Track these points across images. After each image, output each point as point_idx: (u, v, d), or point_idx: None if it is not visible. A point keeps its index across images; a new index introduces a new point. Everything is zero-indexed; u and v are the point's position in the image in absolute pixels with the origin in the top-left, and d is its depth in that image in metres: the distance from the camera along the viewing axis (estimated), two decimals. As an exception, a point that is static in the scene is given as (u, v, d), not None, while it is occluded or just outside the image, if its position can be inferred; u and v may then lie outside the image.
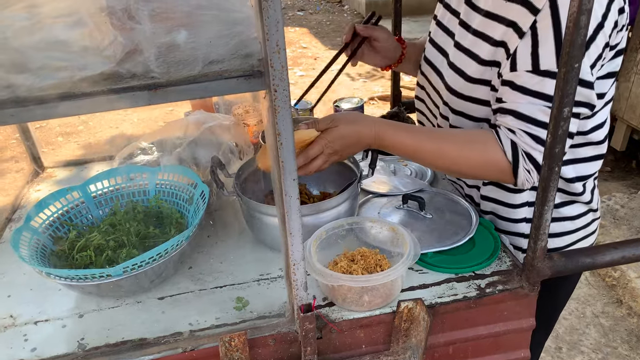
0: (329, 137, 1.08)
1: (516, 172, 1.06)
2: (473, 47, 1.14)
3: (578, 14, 0.77)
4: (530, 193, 1.21)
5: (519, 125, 1.04)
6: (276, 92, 0.74)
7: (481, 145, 1.08)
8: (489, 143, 1.08)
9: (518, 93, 1.03)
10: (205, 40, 0.75)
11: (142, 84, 0.74)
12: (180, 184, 1.26)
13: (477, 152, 1.08)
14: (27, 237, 1.12)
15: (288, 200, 0.83)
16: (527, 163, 1.05)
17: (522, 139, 1.04)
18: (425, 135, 1.12)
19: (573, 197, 1.22)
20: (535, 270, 1.02)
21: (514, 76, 1.03)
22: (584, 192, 1.21)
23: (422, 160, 1.14)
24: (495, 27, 1.09)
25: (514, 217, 1.25)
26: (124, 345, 1.00)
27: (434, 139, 1.11)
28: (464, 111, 1.19)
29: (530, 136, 1.04)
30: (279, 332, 0.98)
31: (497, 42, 1.08)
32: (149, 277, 1.06)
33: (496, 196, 1.25)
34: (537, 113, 1.02)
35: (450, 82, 1.19)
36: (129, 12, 0.72)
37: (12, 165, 4.14)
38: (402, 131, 1.11)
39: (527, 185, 1.09)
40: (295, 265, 0.89)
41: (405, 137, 1.10)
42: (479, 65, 1.12)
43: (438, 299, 1.05)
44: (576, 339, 2.46)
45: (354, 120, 1.10)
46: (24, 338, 1.03)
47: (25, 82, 0.72)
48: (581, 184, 1.20)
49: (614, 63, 1.08)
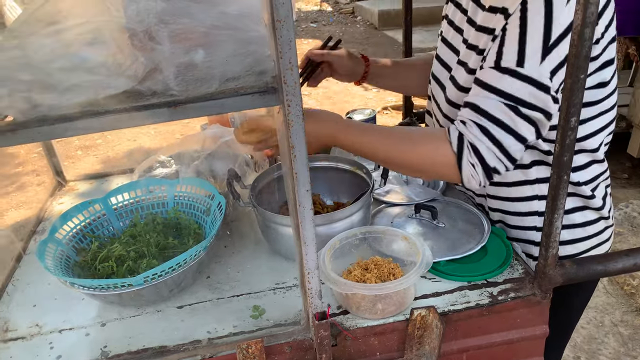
0: None
1: (460, 164, 1.07)
2: (467, 59, 1.18)
3: (582, 26, 0.79)
4: (540, 202, 1.22)
5: (470, 116, 1.07)
6: (289, 107, 0.78)
7: (429, 139, 1.12)
8: (438, 137, 1.11)
9: (479, 87, 1.06)
10: (221, 59, 0.79)
11: (162, 102, 0.78)
12: (197, 196, 1.30)
13: (425, 146, 1.12)
14: (52, 248, 1.16)
15: (302, 210, 0.86)
16: (472, 156, 1.06)
17: (471, 129, 1.06)
18: (377, 134, 1.15)
19: (583, 201, 1.22)
20: (547, 278, 1.03)
21: (481, 73, 1.07)
22: (593, 197, 1.21)
23: (377, 158, 1.17)
24: (482, 37, 1.12)
25: (523, 224, 1.26)
26: (145, 352, 1.03)
27: (386, 136, 1.14)
28: None
29: (479, 127, 1.05)
30: (294, 340, 1.01)
31: (482, 51, 1.12)
32: (168, 287, 1.09)
33: (501, 207, 1.27)
34: (491, 107, 1.04)
35: (450, 94, 1.23)
36: (149, 33, 0.76)
37: (33, 178, 4.24)
38: (355, 130, 1.15)
39: (473, 182, 1.09)
40: (309, 274, 0.92)
41: (358, 135, 1.14)
42: (468, 75, 1.15)
43: (451, 307, 1.06)
44: (595, 348, 2.44)
45: (317, 119, 1.15)
46: (50, 346, 1.07)
47: (53, 101, 0.77)
48: (587, 187, 1.21)
49: (602, 74, 1.09)
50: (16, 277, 1.29)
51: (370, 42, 7.49)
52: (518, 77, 1.00)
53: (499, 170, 1.08)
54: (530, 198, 1.22)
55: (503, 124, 1.03)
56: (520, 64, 1.00)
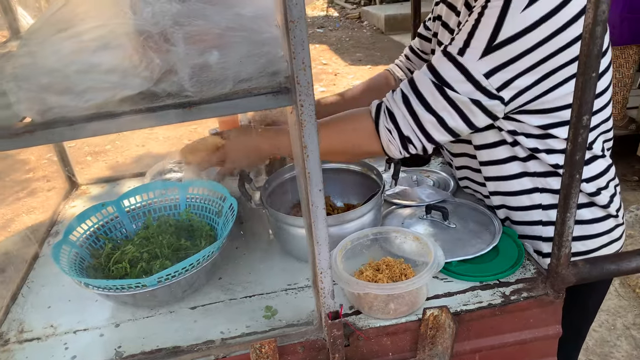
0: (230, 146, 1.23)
1: (378, 129, 1.11)
2: None
3: (593, 25, 0.80)
4: (542, 195, 1.21)
5: (402, 85, 1.12)
6: (302, 107, 0.78)
7: (351, 115, 1.17)
8: (358, 111, 1.16)
9: (424, 64, 1.11)
10: (235, 60, 0.80)
11: (177, 103, 0.79)
12: (209, 198, 1.31)
13: (346, 121, 1.17)
14: (67, 250, 1.17)
15: (314, 210, 0.87)
16: (388, 121, 1.11)
17: (394, 95, 1.12)
18: None
19: (588, 198, 1.22)
20: (559, 277, 1.03)
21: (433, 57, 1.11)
22: (598, 194, 1.21)
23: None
24: None
25: (528, 219, 1.26)
26: (159, 352, 1.04)
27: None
28: None
29: (402, 95, 1.10)
30: (307, 340, 1.01)
31: None
32: (182, 287, 1.10)
33: (504, 202, 1.27)
34: (420, 81, 1.09)
35: None
36: (164, 35, 0.77)
37: (44, 184, 4.28)
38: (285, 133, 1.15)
39: (392, 149, 1.12)
40: (322, 274, 0.93)
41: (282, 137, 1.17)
42: None
43: (463, 307, 1.06)
44: (607, 351, 2.42)
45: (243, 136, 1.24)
46: (65, 346, 1.08)
47: (69, 103, 0.78)
48: (590, 185, 1.20)
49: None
50: (31, 279, 1.31)
51: (376, 46, 7.52)
52: (454, 62, 1.05)
53: (413, 142, 1.11)
54: (531, 191, 1.22)
55: (424, 98, 1.08)
56: (461, 53, 1.04)
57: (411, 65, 1.55)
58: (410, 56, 1.54)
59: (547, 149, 1.15)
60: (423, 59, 1.51)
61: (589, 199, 1.22)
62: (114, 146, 4.94)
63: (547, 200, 1.22)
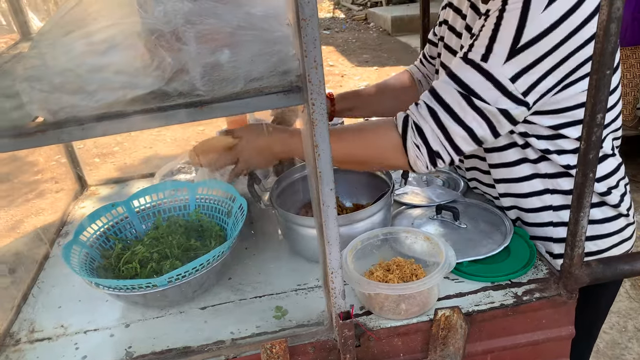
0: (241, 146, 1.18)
1: (405, 145, 1.08)
2: None
3: (608, 22, 0.79)
4: (553, 196, 1.20)
5: (424, 98, 1.08)
6: (314, 105, 0.78)
7: (375, 126, 1.13)
8: (383, 123, 1.12)
9: (443, 73, 1.08)
10: (246, 59, 0.80)
11: (188, 102, 0.79)
12: (219, 198, 1.31)
13: (371, 133, 1.13)
14: (77, 250, 1.18)
15: (325, 209, 0.86)
16: (416, 136, 1.07)
17: (420, 110, 1.07)
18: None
19: (599, 197, 1.21)
20: (572, 278, 1.02)
21: (452, 61, 1.08)
22: (609, 193, 1.20)
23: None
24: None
25: (539, 221, 1.25)
26: (169, 353, 1.03)
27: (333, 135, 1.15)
28: None
29: (428, 109, 1.06)
30: (318, 340, 1.01)
31: None
32: (192, 287, 1.10)
33: (516, 204, 1.26)
34: (445, 92, 1.05)
35: None
36: (176, 34, 0.77)
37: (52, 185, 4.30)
38: (296, 137, 1.14)
39: (419, 164, 1.09)
40: (333, 274, 0.92)
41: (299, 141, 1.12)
42: None
43: (475, 307, 1.05)
44: (618, 353, 2.39)
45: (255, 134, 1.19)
46: (75, 347, 1.08)
47: (81, 102, 0.78)
48: (602, 184, 1.19)
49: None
50: (41, 279, 1.31)
51: (383, 48, 7.51)
52: (478, 70, 1.02)
53: (442, 157, 1.08)
54: (542, 192, 1.21)
55: (452, 110, 1.05)
56: (484, 59, 1.02)
57: (425, 70, 1.55)
58: (423, 61, 1.56)
59: (558, 149, 1.14)
60: (432, 64, 1.51)
61: (600, 199, 1.21)
62: (121, 148, 4.96)
63: (558, 201, 1.21)
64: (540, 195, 1.22)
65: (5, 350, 1.09)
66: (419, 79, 1.56)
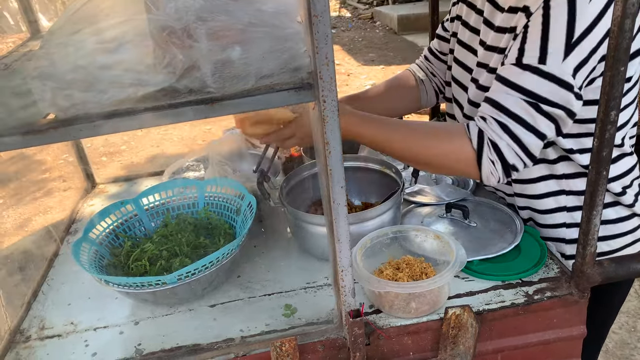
0: (300, 121, 1.16)
1: (480, 161, 1.05)
2: (488, 60, 1.17)
3: (622, 17, 0.78)
4: (567, 197, 1.20)
5: (490, 113, 1.05)
6: (325, 102, 0.78)
7: (448, 134, 1.10)
8: (456, 132, 1.08)
9: (499, 83, 1.05)
10: (257, 55, 0.80)
11: (199, 99, 0.79)
12: (228, 196, 1.31)
13: (443, 141, 1.09)
14: (86, 248, 1.18)
15: (336, 207, 0.86)
16: (492, 153, 1.05)
17: (491, 126, 1.05)
18: (393, 127, 1.13)
19: (614, 197, 1.20)
20: (584, 277, 1.01)
21: (502, 69, 1.06)
22: (624, 194, 1.19)
23: (392, 152, 1.15)
24: (503, 38, 1.12)
25: (552, 222, 1.24)
26: (179, 350, 1.03)
27: (402, 130, 1.12)
28: None
29: (499, 124, 1.04)
30: (327, 338, 1.00)
31: (502, 50, 1.11)
32: (201, 285, 1.10)
33: (529, 204, 1.25)
34: (512, 104, 1.02)
35: (473, 97, 1.22)
36: (187, 31, 0.77)
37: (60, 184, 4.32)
38: (370, 122, 1.12)
39: (492, 179, 1.07)
40: (343, 272, 0.92)
41: (373, 127, 1.12)
42: (488, 74, 1.15)
43: (485, 306, 1.05)
44: (627, 353, 2.37)
45: None
46: (85, 344, 1.08)
47: (93, 99, 0.78)
48: (617, 183, 1.18)
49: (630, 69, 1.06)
50: (51, 276, 1.31)
51: (389, 47, 7.49)
52: (539, 74, 0.99)
53: (518, 168, 1.07)
54: (557, 193, 1.20)
55: (523, 120, 1.02)
56: (542, 61, 0.99)
57: (430, 67, 1.53)
58: (430, 57, 1.53)
59: (581, 148, 1.13)
60: (441, 59, 1.50)
61: (615, 199, 1.20)
62: (129, 147, 4.98)
63: (573, 202, 1.20)
64: (556, 195, 1.21)
65: (16, 347, 1.09)
66: (420, 78, 1.54)
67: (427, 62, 1.55)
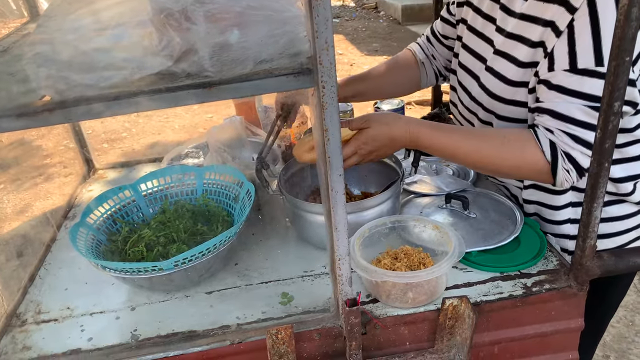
0: (362, 138, 1.11)
1: (555, 171, 1.05)
2: (511, 50, 1.14)
3: (629, 5, 0.77)
4: (573, 193, 1.19)
5: (557, 125, 1.03)
6: (324, 88, 0.77)
7: (519, 145, 1.08)
8: (527, 143, 1.07)
9: (554, 92, 1.03)
10: (256, 39, 0.79)
11: (197, 83, 0.77)
12: (226, 183, 1.30)
13: (515, 151, 1.08)
14: (84, 233, 1.17)
15: (334, 195, 0.85)
16: (566, 162, 1.04)
17: (561, 138, 1.03)
18: (462, 135, 1.12)
19: (622, 196, 1.19)
20: (584, 269, 1.01)
21: (551, 76, 1.03)
22: (634, 192, 1.18)
23: (460, 160, 1.15)
24: (532, 28, 1.09)
25: (558, 218, 1.23)
26: (175, 336, 1.03)
27: (472, 138, 1.12)
28: (509, 115, 1.18)
29: (569, 136, 1.03)
30: (324, 327, 1.00)
31: (535, 44, 1.08)
32: (198, 272, 1.09)
33: (538, 198, 1.24)
34: (575, 112, 1.01)
35: (491, 86, 1.19)
36: (185, 13, 0.76)
37: (61, 170, 4.32)
38: (438, 131, 1.12)
39: (566, 184, 1.07)
40: (340, 260, 0.91)
41: (442, 137, 1.11)
42: (518, 68, 1.12)
43: (483, 297, 1.04)
44: (625, 347, 2.38)
45: (386, 121, 1.12)
46: (81, 328, 1.08)
47: (89, 81, 0.77)
48: (631, 183, 1.17)
49: None
50: (48, 261, 1.31)
51: (393, 37, 7.44)
52: (599, 76, 0.97)
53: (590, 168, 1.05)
54: (568, 189, 1.19)
55: (591, 126, 1.01)
56: (600, 63, 0.97)
57: (431, 49, 1.51)
58: (432, 40, 1.51)
59: None
60: (444, 44, 1.48)
61: (622, 197, 1.19)
62: (130, 134, 4.97)
63: (578, 198, 1.19)
64: (564, 193, 1.20)
65: (12, 331, 1.09)
66: (421, 60, 1.52)
67: (429, 44, 1.53)
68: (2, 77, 0.88)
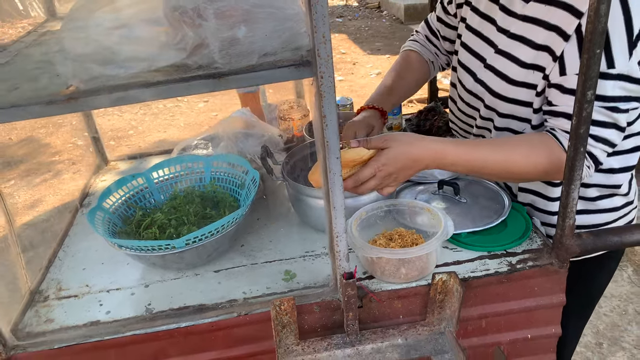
0: (382, 159, 1.07)
1: None
2: (513, 50, 1.18)
3: (598, 2, 0.85)
4: None
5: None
6: (322, 78, 0.85)
7: (547, 150, 1.10)
8: (552, 147, 1.10)
9: (568, 95, 1.07)
10: (261, 34, 0.87)
11: (207, 73, 0.86)
12: (233, 171, 1.39)
13: (543, 157, 1.11)
14: (100, 216, 1.26)
15: (332, 176, 0.93)
16: (588, 160, 1.10)
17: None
18: (488, 148, 1.13)
19: (612, 189, 1.26)
20: (564, 248, 1.08)
21: (564, 80, 1.08)
22: (622, 184, 1.26)
23: (488, 172, 1.15)
24: (536, 30, 1.13)
25: (551, 209, 1.30)
26: (186, 309, 1.12)
27: (498, 150, 1.13)
28: (511, 113, 1.22)
29: (590, 137, 1.06)
30: (323, 300, 1.08)
31: (540, 46, 1.13)
32: (207, 251, 1.18)
33: (534, 188, 1.31)
34: (594, 114, 1.02)
35: (492, 85, 1.23)
36: (197, 11, 0.84)
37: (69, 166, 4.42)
38: (464, 146, 1.11)
39: (586, 179, 1.14)
40: (338, 237, 0.99)
41: (469, 151, 1.11)
42: (520, 69, 1.17)
43: (471, 274, 1.12)
44: (617, 335, 2.45)
45: (408, 141, 1.08)
46: (99, 303, 1.17)
47: (112, 72, 0.86)
48: (624, 175, 1.24)
49: None
50: (66, 244, 1.40)
51: (396, 36, 7.51)
52: (611, 78, 1.02)
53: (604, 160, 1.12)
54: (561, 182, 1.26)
55: (607, 124, 1.07)
56: (611, 65, 1.01)
57: (434, 49, 1.57)
58: (432, 39, 1.57)
59: None
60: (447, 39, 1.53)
61: (612, 190, 1.26)
62: (136, 132, 5.06)
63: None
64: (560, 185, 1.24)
65: (36, 305, 1.18)
66: (431, 60, 1.56)
67: (429, 44, 1.58)
68: (32, 69, 0.97)
